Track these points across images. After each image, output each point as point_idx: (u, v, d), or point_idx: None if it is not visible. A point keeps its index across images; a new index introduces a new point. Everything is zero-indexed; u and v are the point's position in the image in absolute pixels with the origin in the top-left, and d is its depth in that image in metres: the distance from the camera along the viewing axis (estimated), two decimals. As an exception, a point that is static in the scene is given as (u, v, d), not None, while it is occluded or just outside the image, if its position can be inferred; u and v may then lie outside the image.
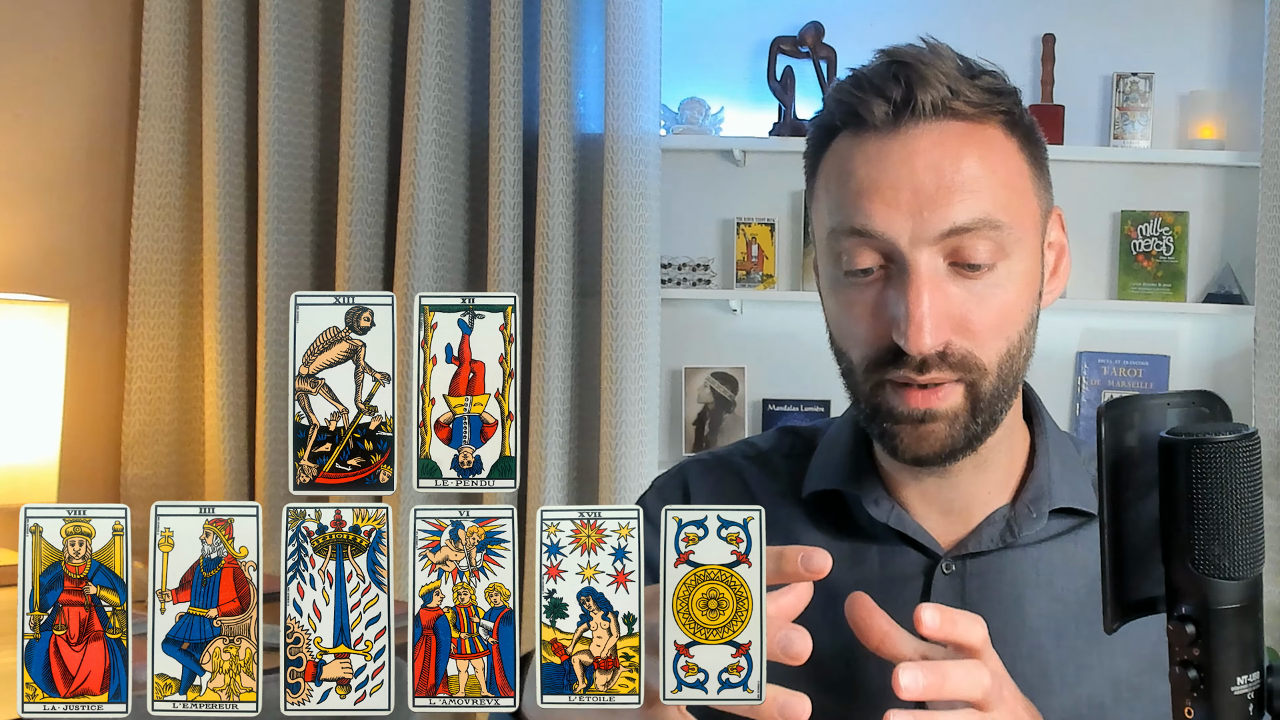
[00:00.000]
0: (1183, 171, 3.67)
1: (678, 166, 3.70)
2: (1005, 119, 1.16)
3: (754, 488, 1.35)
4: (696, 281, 3.69)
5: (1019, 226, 1.15)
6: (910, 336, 1.10)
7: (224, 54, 3.26)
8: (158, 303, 3.29)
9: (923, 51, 1.15)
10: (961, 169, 1.12)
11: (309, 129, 3.40)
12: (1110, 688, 1.20)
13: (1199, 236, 3.66)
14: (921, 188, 1.11)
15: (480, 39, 3.39)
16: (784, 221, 3.76)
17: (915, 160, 1.12)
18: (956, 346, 1.13)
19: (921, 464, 1.17)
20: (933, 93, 1.12)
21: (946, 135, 1.13)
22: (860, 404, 1.19)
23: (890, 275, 1.14)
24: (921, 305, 1.10)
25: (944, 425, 1.14)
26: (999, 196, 1.13)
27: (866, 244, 1.13)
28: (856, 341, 1.18)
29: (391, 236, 3.34)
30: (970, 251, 1.12)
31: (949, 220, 1.11)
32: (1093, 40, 3.65)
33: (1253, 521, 0.85)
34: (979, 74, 1.16)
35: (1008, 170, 1.15)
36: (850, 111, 1.15)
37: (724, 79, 3.76)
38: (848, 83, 1.17)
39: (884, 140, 1.13)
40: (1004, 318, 1.15)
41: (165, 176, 3.29)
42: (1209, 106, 3.61)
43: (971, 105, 1.14)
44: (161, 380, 3.29)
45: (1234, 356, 3.64)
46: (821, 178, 1.20)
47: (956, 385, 1.14)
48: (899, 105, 1.12)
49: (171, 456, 3.32)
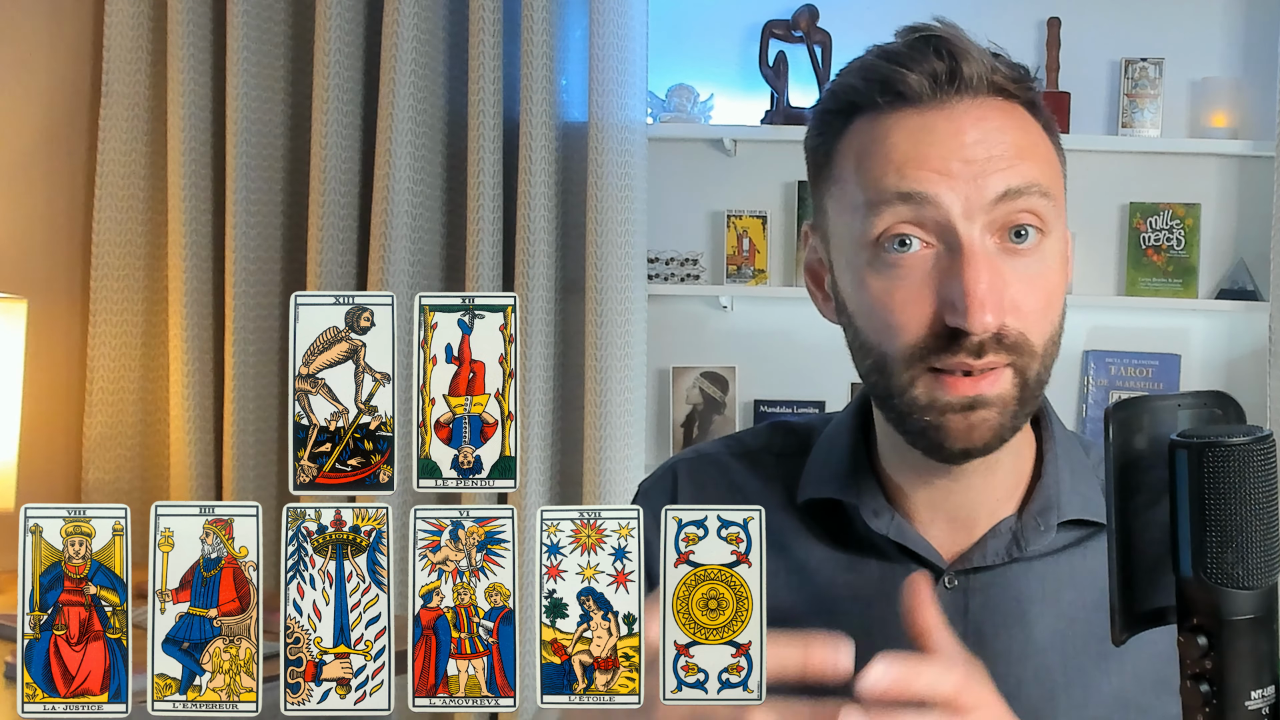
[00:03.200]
0: (1194, 161, 3.69)
1: (665, 156, 3.72)
2: (1030, 99, 1.18)
3: (744, 488, 1.34)
4: (685, 277, 3.71)
5: (1059, 202, 1.16)
6: (973, 315, 1.09)
7: (189, 39, 3.26)
8: (120, 299, 3.29)
9: (951, 27, 1.16)
10: (1008, 139, 1.13)
11: (279, 117, 3.40)
12: (1119, 708, 1.21)
13: (1211, 229, 3.69)
14: (972, 158, 1.12)
15: (458, 22, 3.40)
16: (777, 214, 3.78)
17: (964, 134, 1.13)
18: (1011, 328, 1.12)
19: (969, 456, 1.15)
20: (977, 66, 1.14)
21: (988, 110, 1.14)
22: (893, 399, 1.17)
23: (938, 258, 1.13)
24: (981, 282, 1.09)
25: (995, 412, 1.14)
26: (1043, 169, 1.15)
27: (913, 212, 1.13)
28: (897, 330, 1.15)
29: (365, 228, 3.35)
30: (1022, 218, 1.12)
31: (1004, 183, 1.12)
32: (1100, 24, 3.68)
33: (1268, 528, 0.85)
34: (996, 54, 1.18)
35: (1045, 147, 1.18)
36: (885, 87, 1.15)
37: (714, 64, 3.78)
38: (876, 59, 1.17)
39: (926, 114, 1.14)
40: (1050, 299, 1.15)
41: (128, 167, 3.29)
42: (1222, 93, 3.63)
43: (1008, 81, 1.16)
44: (124, 380, 3.30)
45: (1248, 355, 3.67)
46: (842, 160, 1.19)
47: (1006, 370, 1.13)
48: (943, 79, 1.13)
49: (135, 460, 3.32)
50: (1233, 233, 3.70)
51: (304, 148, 3.40)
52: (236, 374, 3.28)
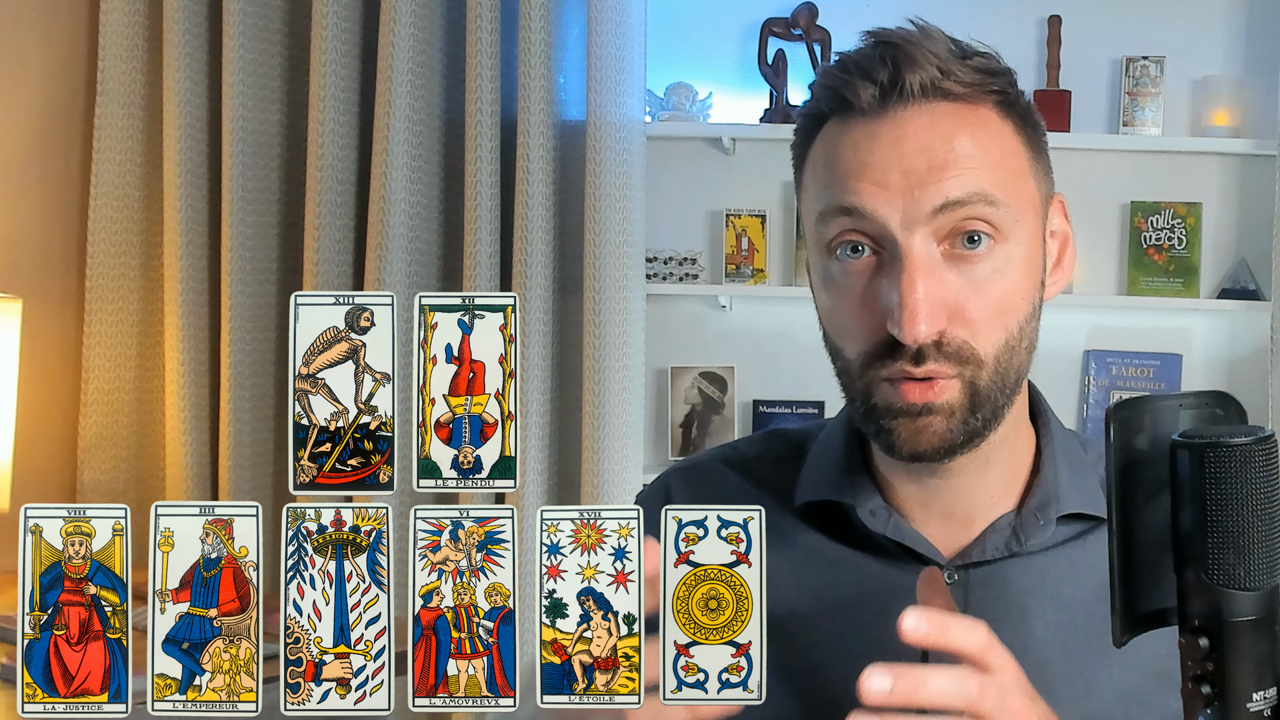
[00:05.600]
0: (1196, 160, 3.70)
1: (664, 155, 3.72)
2: (999, 99, 1.18)
3: (737, 497, 1.34)
4: (683, 276, 3.72)
5: (1016, 207, 1.16)
6: (904, 325, 1.11)
7: (185, 38, 3.26)
8: (116, 298, 3.29)
9: (911, 32, 1.17)
10: (953, 148, 1.13)
11: (275, 113, 3.40)
12: (1120, 702, 1.21)
13: (1212, 229, 3.69)
14: (912, 169, 1.13)
15: (456, 19, 3.39)
16: (776, 213, 3.78)
17: (905, 143, 1.14)
18: (952, 336, 1.13)
19: (920, 459, 1.18)
20: (921, 74, 1.14)
21: (936, 116, 1.15)
22: (856, 402, 1.20)
23: (882, 264, 1.15)
24: (915, 292, 1.11)
25: (941, 419, 1.15)
26: (994, 175, 1.15)
27: (855, 224, 1.15)
28: (850, 336, 1.18)
29: (362, 228, 3.35)
30: (971, 225, 1.13)
31: (942, 195, 1.12)
32: (1101, 22, 3.68)
33: (1269, 529, 0.85)
34: (971, 55, 1.17)
35: (1003, 151, 1.17)
36: (837, 96, 1.17)
37: (712, 63, 3.79)
38: (834, 67, 1.19)
39: (871, 124, 1.15)
40: (1002, 306, 1.15)
41: (124, 166, 3.29)
42: (1223, 92, 3.64)
43: (963, 85, 1.15)
44: (120, 380, 3.30)
45: (1249, 355, 3.67)
46: (809, 166, 1.22)
47: (953, 380, 1.14)
48: (886, 87, 1.14)
49: (130, 460, 3.32)
50: (1234, 232, 3.70)
51: (300, 147, 3.39)
52: (232, 374, 3.27)
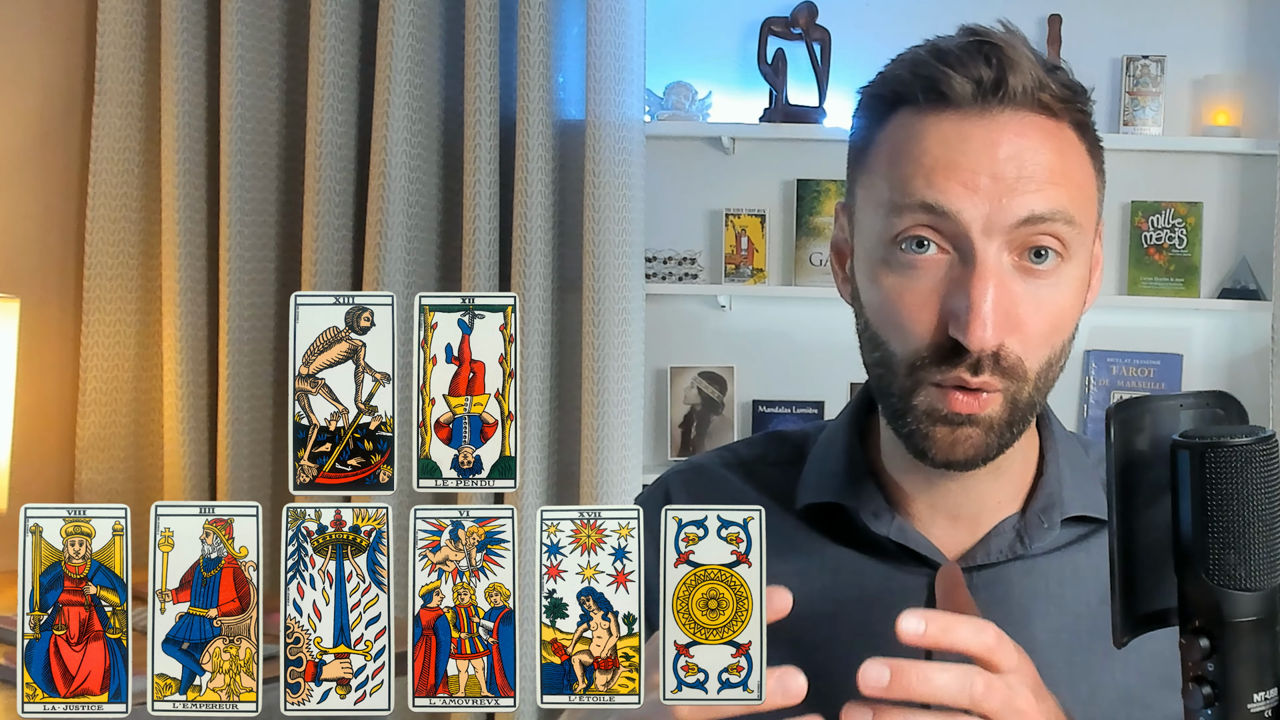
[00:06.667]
0: (1196, 160, 3.70)
1: (663, 154, 3.73)
2: (1079, 119, 1.18)
3: (738, 500, 1.33)
4: (683, 276, 3.72)
5: (1086, 229, 1.16)
6: (973, 331, 1.10)
7: (184, 34, 3.27)
8: (114, 298, 3.29)
9: (1010, 35, 1.16)
10: (1043, 161, 1.13)
11: (273, 113, 3.41)
12: (1124, 704, 1.22)
13: (1213, 228, 3.70)
14: (1002, 175, 1.12)
15: (455, 19, 3.40)
16: (775, 213, 3.79)
17: (998, 148, 1.13)
18: (1009, 350, 1.13)
19: (950, 468, 1.17)
20: (1024, 79, 1.13)
21: (1028, 126, 1.14)
22: (892, 397, 1.18)
23: (951, 266, 1.14)
24: (987, 299, 1.10)
25: (980, 432, 1.15)
26: (1074, 195, 1.15)
27: (932, 221, 1.13)
28: (903, 332, 1.16)
29: (361, 227, 3.35)
30: (1043, 240, 1.13)
31: (1028, 207, 1.12)
32: (1101, 21, 3.68)
33: (1270, 529, 0.85)
34: (1053, 68, 1.17)
35: (1081, 171, 1.17)
36: (929, 85, 1.15)
37: (712, 62, 3.79)
38: (929, 55, 1.17)
39: (965, 121, 1.14)
40: (1055, 324, 1.16)
41: (122, 165, 3.29)
42: (1224, 91, 3.65)
43: (1055, 99, 1.15)
44: (118, 380, 3.30)
45: (1250, 355, 3.68)
46: (879, 151, 1.20)
47: (999, 394, 1.14)
48: (987, 86, 1.13)
49: (128, 461, 3.33)
50: (1235, 231, 3.71)
51: (299, 146, 3.40)
52: (231, 374, 3.28)
